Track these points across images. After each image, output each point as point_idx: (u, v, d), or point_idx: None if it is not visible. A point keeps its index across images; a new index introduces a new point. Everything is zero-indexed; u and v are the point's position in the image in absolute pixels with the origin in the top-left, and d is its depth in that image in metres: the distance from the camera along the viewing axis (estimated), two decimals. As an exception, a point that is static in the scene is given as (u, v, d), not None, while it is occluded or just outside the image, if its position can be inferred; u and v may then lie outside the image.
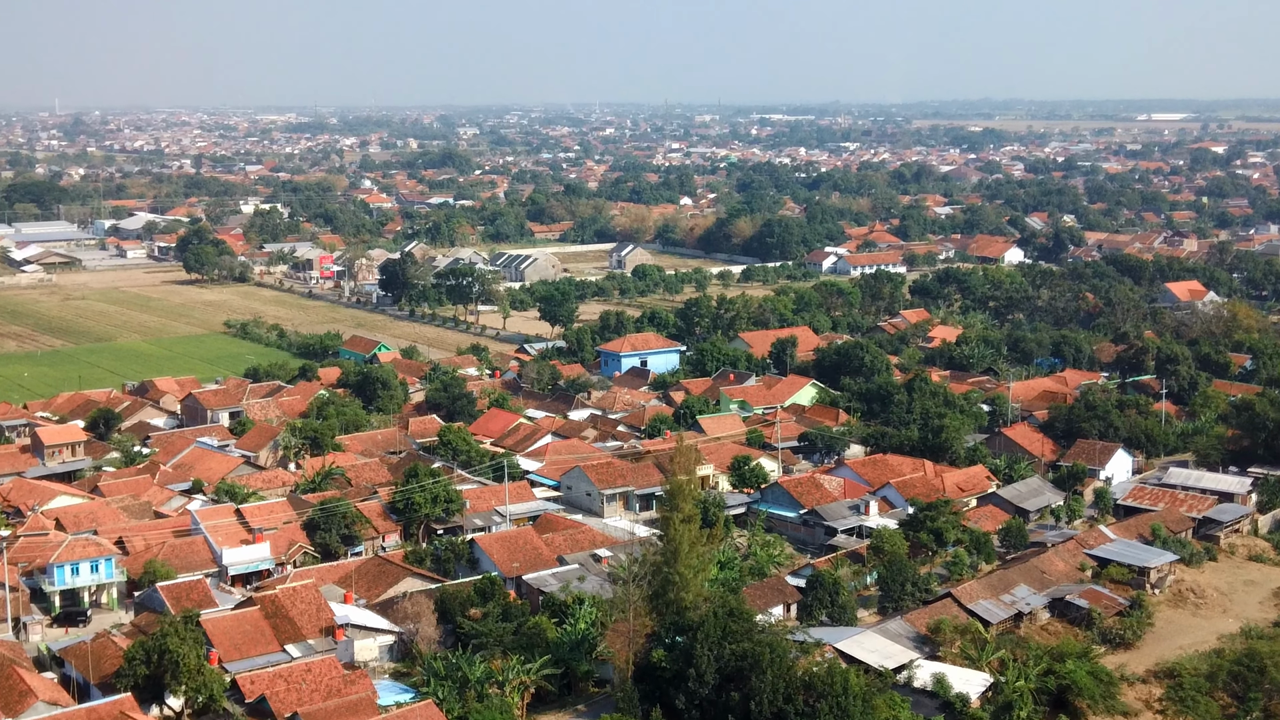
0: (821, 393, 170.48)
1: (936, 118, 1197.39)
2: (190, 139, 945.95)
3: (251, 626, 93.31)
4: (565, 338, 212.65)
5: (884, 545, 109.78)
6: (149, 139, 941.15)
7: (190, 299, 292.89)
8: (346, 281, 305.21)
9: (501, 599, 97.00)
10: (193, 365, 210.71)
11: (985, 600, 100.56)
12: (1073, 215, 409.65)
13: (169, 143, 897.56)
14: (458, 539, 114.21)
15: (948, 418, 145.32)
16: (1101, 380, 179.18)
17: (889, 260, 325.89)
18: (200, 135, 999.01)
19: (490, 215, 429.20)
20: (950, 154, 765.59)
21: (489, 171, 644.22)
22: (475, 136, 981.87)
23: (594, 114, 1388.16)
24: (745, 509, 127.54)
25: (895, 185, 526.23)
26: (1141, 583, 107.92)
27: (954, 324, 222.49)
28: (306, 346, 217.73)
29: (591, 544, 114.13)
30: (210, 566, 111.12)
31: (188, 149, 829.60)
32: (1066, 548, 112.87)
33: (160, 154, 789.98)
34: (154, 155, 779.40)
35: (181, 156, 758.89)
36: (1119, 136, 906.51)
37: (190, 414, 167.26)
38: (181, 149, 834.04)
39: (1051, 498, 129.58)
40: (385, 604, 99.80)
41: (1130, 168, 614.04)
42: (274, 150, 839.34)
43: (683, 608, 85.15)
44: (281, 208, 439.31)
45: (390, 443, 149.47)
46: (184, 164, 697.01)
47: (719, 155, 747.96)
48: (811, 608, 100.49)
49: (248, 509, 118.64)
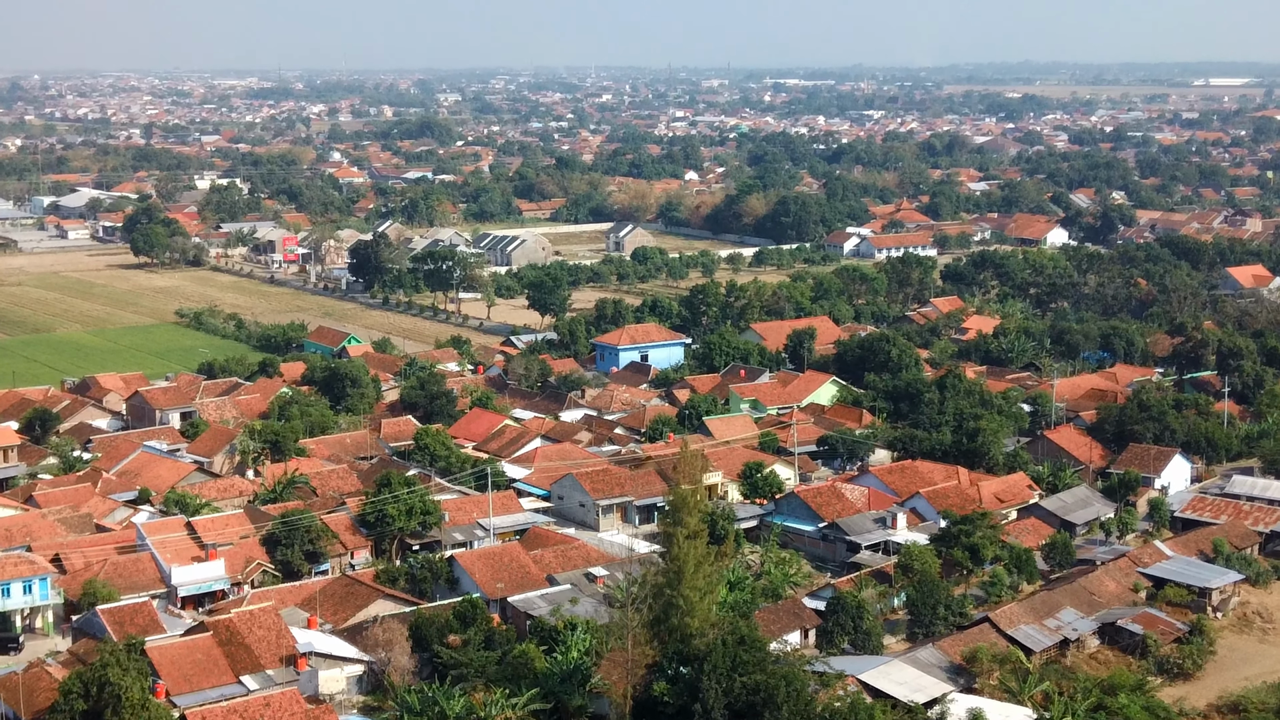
0: (843, 391, 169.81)
1: (970, 83, 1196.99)
2: (140, 106, 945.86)
3: (203, 655, 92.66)
4: (556, 329, 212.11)
5: (913, 563, 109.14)
6: (94, 106, 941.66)
7: (138, 285, 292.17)
8: (313, 265, 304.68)
9: (484, 624, 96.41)
10: (140, 359, 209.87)
11: (1027, 625, 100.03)
12: (1123, 192, 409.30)
13: (116, 110, 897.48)
14: (435, 556, 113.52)
15: (984, 419, 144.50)
16: (1156, 377, 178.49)
17: (918, 242, 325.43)
18: (151, 102, 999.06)
19: (473, 191, 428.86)
20: (986, 123, 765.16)
21: (472, 143, 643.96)
22: (457, 103, 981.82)
23: (589, 78, 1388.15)
24: (758, 522, 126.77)
25: (924, 158, 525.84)
26: (1202, 605, 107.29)
27: (991, 313, 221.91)
28: (267, 338, 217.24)
29: (585, 561, 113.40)
30: (158, 587, 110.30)
31: (137, 117, 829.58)
32: (1118, 566, 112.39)
33: (106, 123, 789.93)
34: (99, 124, 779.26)
35: (130, 126, 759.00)
36: (1174, 104, 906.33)
37: (136, 414, 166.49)
38: (130, 117, 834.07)
39: (1101, 509, 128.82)
40: (354, 629, 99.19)
41: (1186, 139, 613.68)
42: (233, 119, 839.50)
43: (688, 635, 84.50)
44: (241, 183, 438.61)
45: (360, 447, 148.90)
46: (132, 134, 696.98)
47: (728, 125, 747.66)
48: (832, 634, 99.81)
49: (200, 522, 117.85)
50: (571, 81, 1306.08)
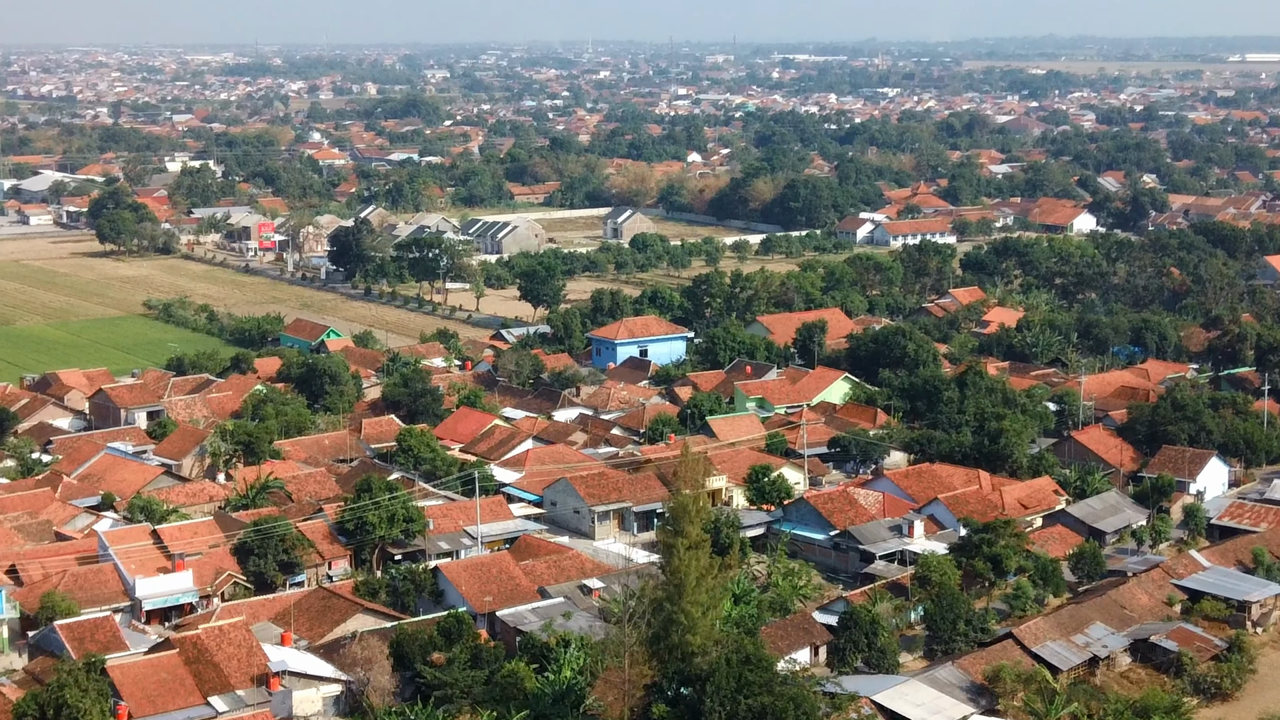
0: (856, 389, 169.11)
1: (991, 58, 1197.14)
2: (108, 83, 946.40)
3: (168, 674, 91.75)
4: (550, 321, 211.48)
5: (931, 575, 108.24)
6: (59, 83, 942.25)
7: (104, 274, 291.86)
8: (290, 253, 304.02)
9: (470, 640, 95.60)
10: (105, 354, 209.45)
11: (1054, 642, 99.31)
12: (1154, 175, 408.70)
13: (83, 87, 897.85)
14: (419, 567, 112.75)
15: (1007, 419, 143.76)
16: (1190, 374, 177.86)
17: (936, 228, 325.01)
18: (120, 79, 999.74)
19: (462, 174, 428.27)
20: (1008, 101, 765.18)
21: (461, 122, 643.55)
22: (445, 81, 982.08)
23: (586, 54, 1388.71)
24: (765, 530, 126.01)
25: (943, 139, 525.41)
26: (1241, 620, 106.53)
27: (1014, 305, 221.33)
28: (241, 332, 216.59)
29: (580, 572, 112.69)
30: (121, 599, 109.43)
31: (104, 95, 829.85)
32: (1151, 577, 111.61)
33: (72, 101, 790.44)
34: (65, 102, 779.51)
35: (97, 104, 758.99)
36: (1207, 81, 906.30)
37: (100, 414, 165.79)
38: (97, 95, 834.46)
39: (1132, 516, 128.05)
40: (331, 646, 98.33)
41: (1221, 118, 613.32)
42: (206, 97, 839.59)
43: (689, 653, 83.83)
44: (214, 165, 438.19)
45: (340, 449, 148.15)
46: (100, 113, 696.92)
47: (734, 103, 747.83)
48: (844, 651, 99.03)
49: (167, 530, 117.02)
50: (567, 57, 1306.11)
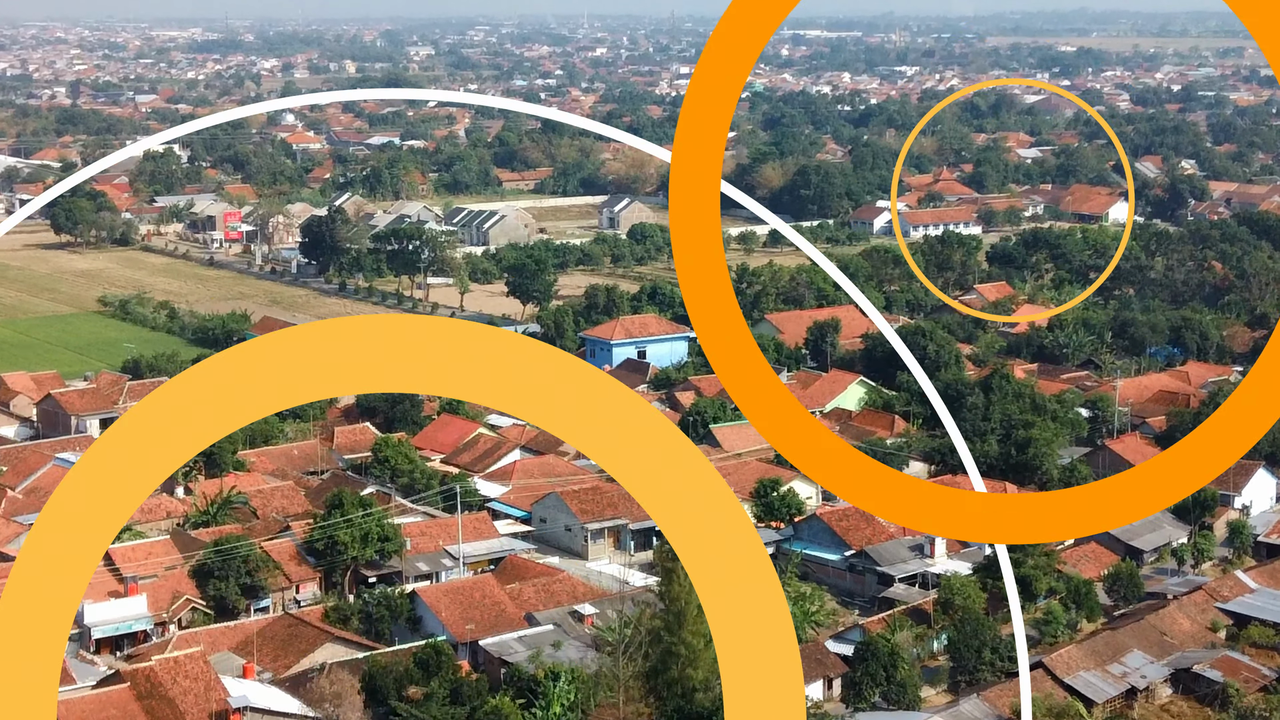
0: (872, 393, 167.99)
1: (1018, 34, 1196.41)
2: (66, 61, 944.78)
3: (118, 711, 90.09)
4: (540, 320, 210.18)
5: (955, 599, 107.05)
6: (14, 61, 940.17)
7: (59, 267, 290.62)
8: (259, 245, 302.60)
9: (450, 673, 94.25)
10: (56, 355, 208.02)
11: (1087, 672, 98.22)
12: (1193, 160, 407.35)
13: (39, 65, 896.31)
14: (395, 591, 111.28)
15: (1036, 426, 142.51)
16: (1234, 377, 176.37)
17: (960, 218, 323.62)
18: (79, 56, 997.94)
19: (446, 160, 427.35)
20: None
21: (446, 103, 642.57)
22: (430, 58, 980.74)
23: (581, 29, 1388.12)
24: (774, 549, 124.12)
25: (967, 121, 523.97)
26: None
27: (1045, 302, 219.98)
28: (204, 331, 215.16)
29: (571, 597, 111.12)
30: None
31: (63, 74, 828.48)
32: (1193, 600, 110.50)
33: (28, 80, 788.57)
34: (20, 82, 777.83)
35: (55, 83, 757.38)
36: (1250, 59, 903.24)
37: (49, 421, 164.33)
38: (55, 74, 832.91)
39: (1172, 533, 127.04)
40: (297, 679, 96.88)
41: (1266, 99, 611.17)
42: (173, 75, 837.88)
43: (691, 689, 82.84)
44: (179, 150, 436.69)
45: (310, 460, 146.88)
46: (57, 93, 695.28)
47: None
48: (861, 684, 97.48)
49: (118, 550, 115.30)
50: (561, 33, 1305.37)
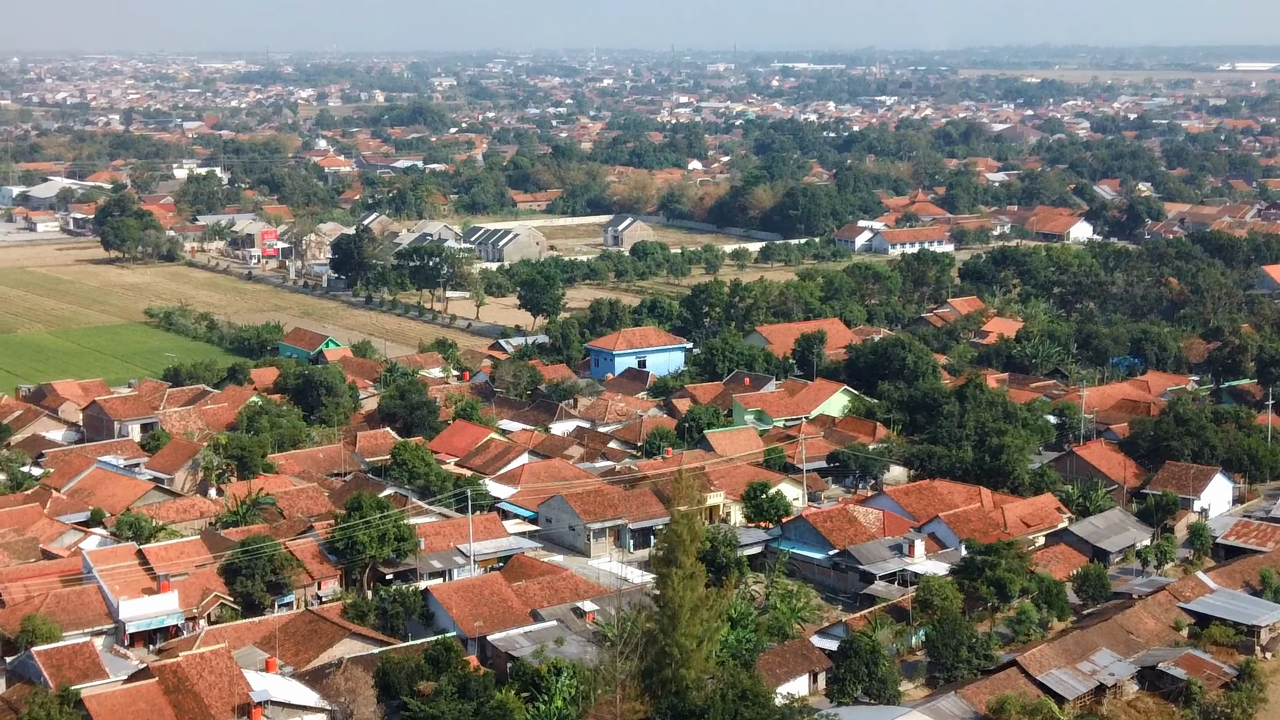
0: (855, 401, 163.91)
1: (987, 67, 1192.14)
2: (121, 90, 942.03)
3: (146, 705, 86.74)
4: (548, 331, 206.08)
5: (933, 598, 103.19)
6: (73, 90, 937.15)
7: (108, 281, 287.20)
8: (293, 261, 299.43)
9: (459, 668, 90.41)
10: (104, 363, 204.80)
11: (1059, 670, 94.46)
12: (1149, 183, 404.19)
13: (96, 95, 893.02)
14: (408, 589, 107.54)
15: (1008, 434, 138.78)
16: (1191, 385, 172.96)
17: (934, 236, 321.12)
18: (133, 86, 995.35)
19: (465, 182, 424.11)
20: (1004, 109, 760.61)
21: (466, 130, 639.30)
22: (452, 88, 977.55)
23: (590, 62, 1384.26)
24: (762, 548, 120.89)
25: (940, 147, 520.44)
26: (1250, 645, 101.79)
27: (1013, 315, 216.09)
28: (241, 341, 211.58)
29: (574, 594, 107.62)
30: (105, 622, 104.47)
31: (117, 102, 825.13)
32: (1157, 600, 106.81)
33: (85, 108, 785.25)
34: (78, 109, 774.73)
35: (110, 111, 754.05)
36: (1199, 89, 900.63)
37: (94, 425, 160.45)
38: (110, 102, 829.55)
39: (1136, 535, 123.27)
40: (317, 673, 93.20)
41: (1214, 126, 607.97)
42: (217, 104, 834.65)
43: (683, 688, 79.25)
44: (221, 172, 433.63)
45: (334, 462, 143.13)
46: (111, 120, 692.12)
47: (734, 111, 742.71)
48: (844, 681, 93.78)
49: (152, 549, 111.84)
50: (571, 65, 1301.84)
